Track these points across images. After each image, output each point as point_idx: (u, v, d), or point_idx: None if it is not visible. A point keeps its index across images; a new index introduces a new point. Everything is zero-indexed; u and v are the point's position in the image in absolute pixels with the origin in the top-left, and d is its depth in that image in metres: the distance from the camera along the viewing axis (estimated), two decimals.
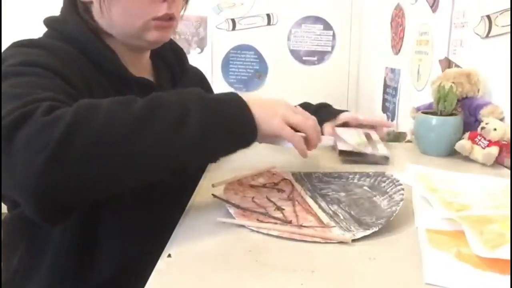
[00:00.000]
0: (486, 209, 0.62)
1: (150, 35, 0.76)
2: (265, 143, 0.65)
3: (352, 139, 0.90)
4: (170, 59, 0.91)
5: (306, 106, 1.03)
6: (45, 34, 0.76)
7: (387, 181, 0.71)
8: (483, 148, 0.87)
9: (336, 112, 1.00)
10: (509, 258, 0.47)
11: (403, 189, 0.65)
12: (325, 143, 0.83)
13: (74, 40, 0.72)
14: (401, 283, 0.46)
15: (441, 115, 0.94)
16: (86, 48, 0.72)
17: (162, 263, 0.50)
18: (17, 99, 0.51)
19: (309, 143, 0.67)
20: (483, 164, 0.87)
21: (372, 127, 1.00)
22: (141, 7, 0.73)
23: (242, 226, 0.59)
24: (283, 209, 0.64)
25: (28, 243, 0.74)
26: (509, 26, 0.95)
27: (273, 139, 0.64)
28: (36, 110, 0.49)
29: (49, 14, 0.79)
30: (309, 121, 0.66)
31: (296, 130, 0.65)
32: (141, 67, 0.84)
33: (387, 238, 0.56)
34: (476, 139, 0.89)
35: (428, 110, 0.99)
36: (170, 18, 0.76)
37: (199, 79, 1.02)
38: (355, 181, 0.75)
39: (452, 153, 0.93)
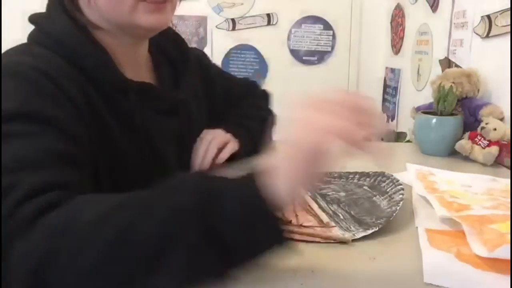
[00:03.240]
0: (486, 209, 0.62)
1: (141, 19, 0.67)
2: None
3: None
4: (172, 52, 0.83)
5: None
6: (30, 36, 0.69)
7: (387, 181, 0.71)
8: (483, 148, 0.87)
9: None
10: (509, 258, 0.47)
11: (403, 189, 0.65)
12: None
13: (61, 44, 0.66)
14: (401, 283, 0.46)
15: (441, 115, 0.94)
16: (74, 52, 0.65)
17: None
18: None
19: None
20: (483, 164, 0.87)
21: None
22: None
23: None
24: None
25: None
26: (509, 26, 0.95)
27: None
28: (14, 228, 0.46)
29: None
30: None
31: None
32: (139, 68, 0.76)
33: (387, 238, 0.56)
34: (476, 139, 0.89)
35: (428, 110, 0.99)
36: (163, 0, 0.68)
37: (199, 65, 0.94)
38: (355, 181, 0.75)
39: (452, 153, 0.93)
